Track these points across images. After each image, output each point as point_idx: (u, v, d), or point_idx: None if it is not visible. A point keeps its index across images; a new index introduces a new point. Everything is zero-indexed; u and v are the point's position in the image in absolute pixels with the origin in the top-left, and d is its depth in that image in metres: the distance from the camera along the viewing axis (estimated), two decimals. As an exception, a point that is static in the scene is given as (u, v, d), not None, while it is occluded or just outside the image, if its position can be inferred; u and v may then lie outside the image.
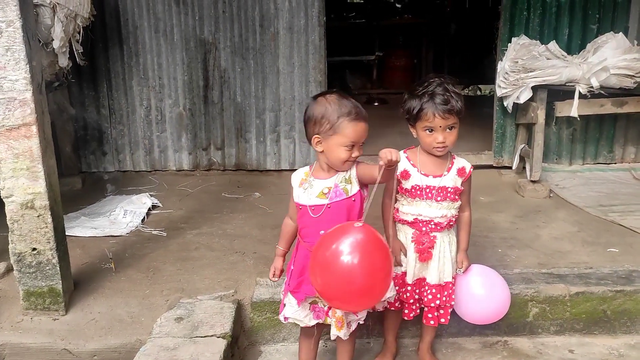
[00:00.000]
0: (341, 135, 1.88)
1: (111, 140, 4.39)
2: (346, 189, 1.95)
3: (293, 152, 4.43)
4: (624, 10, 4.09)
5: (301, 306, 2.03)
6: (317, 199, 1.96)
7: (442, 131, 2.04)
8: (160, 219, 3.53)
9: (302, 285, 2.01)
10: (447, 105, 1.99)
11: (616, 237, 3.13)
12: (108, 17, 4.17)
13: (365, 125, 1.90)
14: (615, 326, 2.56)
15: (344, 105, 1.89)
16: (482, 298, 2.26)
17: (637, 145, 4.34)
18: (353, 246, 1.70)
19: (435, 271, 2.16)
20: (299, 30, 4.23)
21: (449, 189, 2.12)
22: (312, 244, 1.96)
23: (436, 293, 2.18)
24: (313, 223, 1.97)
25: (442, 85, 2.02)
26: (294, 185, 2.04)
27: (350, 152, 1.89)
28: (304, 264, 2.01)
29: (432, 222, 2.12)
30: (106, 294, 2.60)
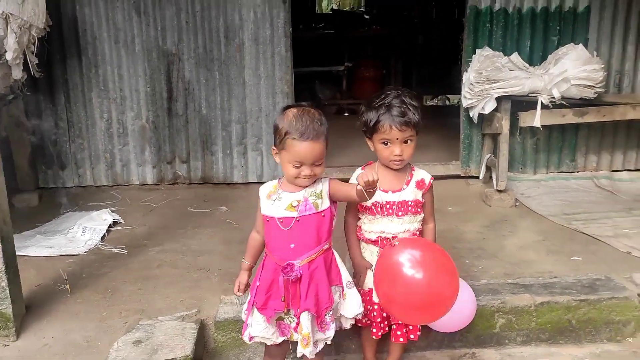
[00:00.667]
0: (287, 152, 1.87)
1: (70, 154, 4.26)
2: (316, 204, 1.92)
3: (261, 165, 4.37)
4: (583, 23, 4.18)
5: (270, 323, 1.98)
6: (286, 212, 1.92)
7: (399, 144, 2.01)
8: (122, 236, 3.42)
9: (270, 301, 1.96)
10: (404, 117, 1.97)
11: (579, 246, 3.17)
12: (65, 27, 4.06)
13: (312, 145, 1.83)
14: (580, 335, 2.57)
15: (296, 122, 1.85)
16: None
17: (598, 153, 4.42)
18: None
19: None
20: (265, 41, 4.19)
21: (409, 203, 2.09)
22: (281, 257, 1.92)
23: None
24: (282, 236, 1.93)
25: (399, 98, 2.00)
26: (262, 197, 2.00)
27: (299, 170, 1.87)
28: (272, 279, 1.96)
29: (396, 238, 2.09)
30: (60, 317, 2.49)
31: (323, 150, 1.88)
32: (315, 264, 1.92)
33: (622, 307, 2.54)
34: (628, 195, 4.04)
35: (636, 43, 4.27)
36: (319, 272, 1.92)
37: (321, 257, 1.93)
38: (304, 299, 1.90)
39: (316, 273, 1.92)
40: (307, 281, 1.90)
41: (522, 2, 4.13)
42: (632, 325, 2.56)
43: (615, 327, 2.56)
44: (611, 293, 2.57)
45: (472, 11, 4.14)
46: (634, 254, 3.00)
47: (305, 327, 1.91)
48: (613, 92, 4.29)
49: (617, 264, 2.89)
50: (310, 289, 1.90)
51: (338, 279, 2.00)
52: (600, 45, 4.23)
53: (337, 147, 4.92)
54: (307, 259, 1.91)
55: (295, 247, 1.91)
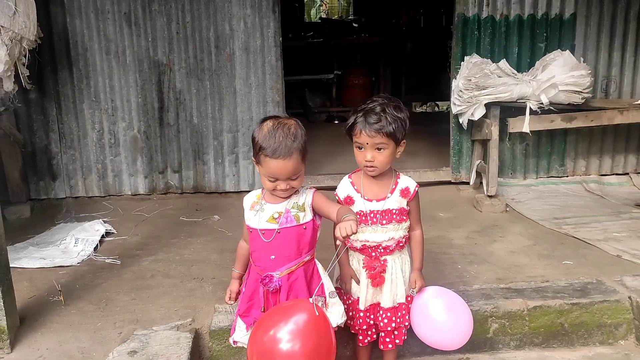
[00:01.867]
0: (261, 166, 1.88)
1: (62, 166, 4.25)
2: (297, 216, 1.93)
3: (252, 174, 4.38)
4: (570, 29, 4.25)
5: (250, 330, 1.98)
6: (267, 223, 1.93)
7: (371, 149, 2.01)
8: (115, 247, 3.41)
9: (252, 310, 1.99)
10: (377, 124, 1.97)
11: (570, 250, 3.20)
12: (56, 39, 4.06)
13: (284, 163, 1.82)
14: (573, 339, 2.59)
15: (269, 138, 1.83)
16: (447, 327, 2.19)
17: (587, 158, 4.48)
18: (293, 332, 1.68)
19: (389, 294, 2.14)
20: (255, 50, 4.21)
21: (393, 212, 2.09)
22: (262, 268, 1.94)
23: (391, 316, 2.15)
24: (264, 247, 1.94)
25: (381, 105, 2.00)
26: (246, 208, 2.02)
27: (275, 184, 1.87)
28: (254, 287, 1.98)
29: (381, 247, 2.10)
30: (55, 328, 2.47)
31: (298, 165, 1.86)
32: (295, 275, 1.93)
33: (613, 310, 2.57)
34: (617, 199, 4.09)
35: (622, 49, 4.35)
36: (298, 283, 1.93)
37: (301, 268, 1.94)
38: None
39: (296, 284, 1.93)
40: (286, 292, 1.91)
41: (509, 10, 4.19)
42: (623, 327, 2.58)
43: (608, 330, 2.58)
44: (603, 296, 2.60)
45: (460, 19, 4.19)
46: (624, 257, 3.03)
47: None
48: (600, 97, 4.37)
49: (608, 267, 2.93)
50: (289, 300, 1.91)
51: (320, 289, 2.00)
52: (586, 52, 4.30)
53: (327, 154, 4.95)
54: (287, 271, 1.92)
55: (275, 259, 1.92)
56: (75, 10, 4.05)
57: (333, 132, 6.62)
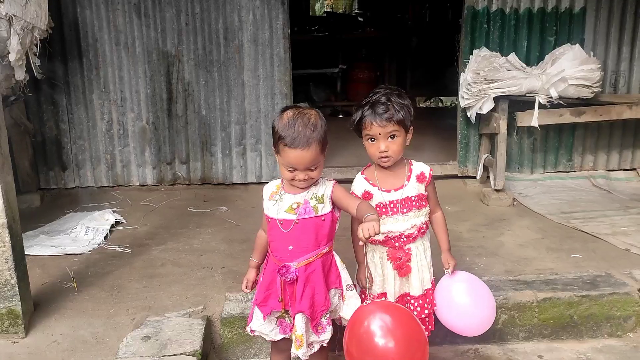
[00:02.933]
0: (281, 157, 1.88)
1: (71, 156, 4.26)
2: (316, 207, 1.93)
3: (260, 165, 4.39)
4: (579, 23, 4.24)
5: (267, 320, 2.00)
6: (286, 214, 1.94)
7: (384, 139, 2.02)
8: (124, 236, 3.43)
9: (269, 300, 1.98)
10: (386, 113, 1.99)
11: (579, 243, 3.21)
12: (67, 29, 4.07)
13: (303, 153, 1.82)
14: (582, 331, 2.60)
15: (289, 128, 1.83)
16: (474, 312, 2.19)
17: (595, 153, 4.48)
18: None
19: (417, 282, 2.14)
20: (264, 42, 4.22)
21: (412, 199, 2.10)
22: (280, 258, 1.94)
23: (422, 303, 2.15)
24: (282, 237, 1.94)
25: (386, 95, 2.02)
26: (265, 197, 2.02)
27: (294, 174, 1.87)
28: (271, 277, 1.98)
29: (403, 236, 2.10)
30: (68, 314, 2.50)
31: (317, 156, 1.86)
32: (312, 267, 1.93)
33: (622, 303, 2.58)
34: (624, 194, 4.09)
35: (631, 44, 4.34)
36: (315, 275, 1.93)
37: (319, 260, 1.94)
38: (298, 301, 1.91)
39: (313, 276, 1.93)
40: (303, 283, 1.91)
41: (518, 3, 4.18)
42: (632, 320, 2.60)
43: (616, 322, 2.60)
44: (612, 289, 2.61)
45: (469, 12, 4.19)
46: (632, 251, 3.04)
47: (298, 329, 1.92)
48: (609, 92, 4.35)
49: (617, 260, 2.94)
50: (305, 292, 1.91)
51: (338, 281, 2.01)
52: (596, 46, 4.29)
53: (333, 147, 4.87)
54: (304, 262, 1.92)
55: (293, 250, 1.92)
56: (86, 1, 4.06)
57: (338, 126, 6.59)
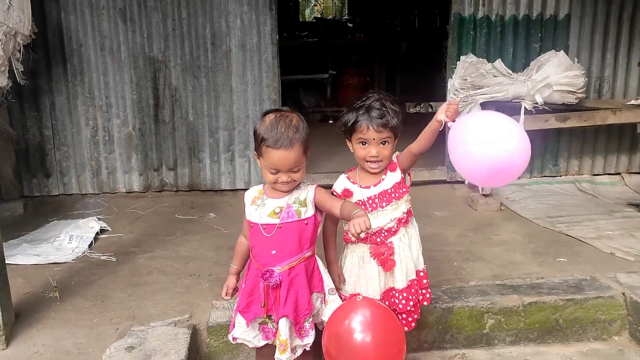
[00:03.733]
0: (264, 159, 1.89)
1: (55, 162, 4.22)
2: (299, 211, 1.93)
3: (248, 171, 4.37)
4: (564, 30, 4.28)
5: (250, 326, 1.99)
6: (269, 218, 1.93)
7: (376, 145, 2.04)
8: (110, 244, 3.40)
9: (252, 306, 1.97)
10: (382, 119, 2.00)
11: (564, 247, 3.22)
12: (50, 34, 4.03)
13: (286, 153, 1.83)
14: (567, 334, 2.61)
15: (271, 129, 1.84)
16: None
17: (580, 158, 4.52)
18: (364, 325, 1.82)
19: (401, 275, 2.12)
20: (252, 48, 4.21)
21: (389, 191, 2.09)
22: (263, 263, 1.93)
23: (407, 296, 2.14)
24: (264, 242, 1.94)
25: (379, 101, 2.03)
26: (247, 203, 2.01)
27: (276, 176, 1.88)
28: (254, 283, 1.97)
29: (384, 230, 2.10)
30: (51, 324, 2.46)
31: (299, 157, 1.88)
32: (295, 270, 1.93)
33: (607, 306, 2.60)
34: (609, 199, 4.12)
35: (615, 50, 4.39)
36: (299, 279, 1.93)
37: (302, 264, 1.94)
38: (282, 306, 1.91)
39: (296, 280, 1.93)
40: (287, 288, 1.91)
41: (504, 10, 4.22)
42: (617, 323, 2.61)
43: (602, 325, 2.61)
44: (597, 292, 2.62)
45: (456, 19, 4.22)
46: (617, 255, 3.06)
47: (282, 333, 1.92)
48: (594, 97, 4.40)
49: (602, 264, 2.95)
50: (289, 296, 1.91)
51: (320, 285, 2.01)
52: (580, 52, 4.33)
53: (322, 153, 4.95)
54: (288, 266, 1.92)
55: (276, 254, 1.92)
56: (70, 6, 4.03)
57: (328, 131, 6.60)
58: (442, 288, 2.67)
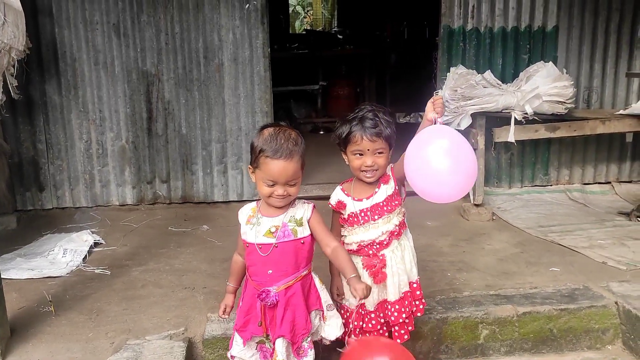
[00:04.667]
0: (261, 170, 1.87)
1: (49, 176, 4.21)
2: (295, 230, 1.92)
3: (241, 184, 4.39)
4: (552, 41, 4.35)
5: (247, 346, 1.98)
6: (264, 238, 1.92)
7: (371, 155, 2.06)
8: (104, 257, 3.39)
9: (249, 325, 1.96)
10: (376, 128, 2.03)
11: (557, 257, 3.25)
12: (44, 49, 4.05)
13: (285, 164, 1.83)
14: (561, 344, 2.63)
15: (271, 140, 1.85)
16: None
17: (570, 167, 4.57)
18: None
19: (393, 287, 2.14)
20: (244, 61, 4.24)
21: (381, 204, 2.11)
22: (259, 283, 1.93)
23: (400, 308, 2.15)
24: (261, 262, 1.92)
25: (372, 112, 2.06)
26: (242, 222, 2.00)
27: (272, 190, 1.87)
28: (251, 302, 1.96)
29: (375, 243, 2.12)
30: (46, 339, 2.45)
31: (297, 170, 1.88)
32: (292, 290, 1.92)
33: (600, 316, 2.62)
34: (600, 208, 4.17)
35: (603, 61, 4.47)
36: (296, 298, 1.92)
37: (299, 283, 1.93)
38: (279, 326, 1.90)
39: (293, 299, 1.92)
40: (283, 307, 1.90)
41: (493, 22, 4.28)
42: (610, 332, 2.64)
43: (595, 335, 2.63)
44: (590, 302, 2.65)
45: (445, 31, 4.27)
46: (609, 264, 3.09)
47: (279, 354, 1.90)
48: (582, 107, 4.47)
49: (594, 273, 2.98)
50: (286, 316, 1.90)
51: (318, 302, 2.00)
52: (569, 63, 4.40)
53: (314, 164, 4.97)
54: (284, 285, 1.91)
55: (272, 274, 1.91)
56: (64, 21, 4.05)
57: (319, 142, 6.64)
58: (436, 299, 2.69)
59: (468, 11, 4.25)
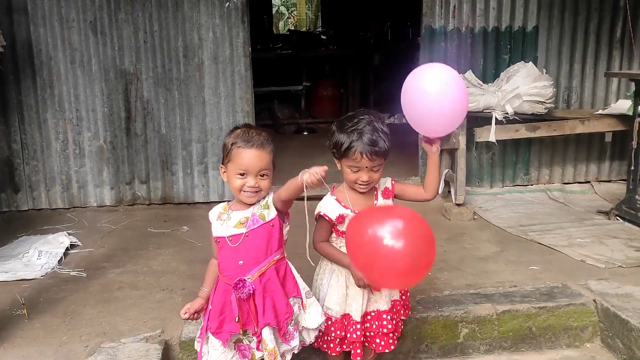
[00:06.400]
0: (232, 162, 1.89)
1: (24, 177, 4.13)
2: (263, 215, 1.91)
3: (222, 184, 4.35)
4: (532, 41, 4.38)
5: (227, 347, 1.94)
6: (235, 229, 1.91)
7: (368, 171, 2.00)
8: (80, 259, 3.33)
9: (224, 324, 1.91)
10: (375, 146, 1.96)
11: (536, 255, 3.26)
12: (19, 47, 3.97)
13: (258, 153, 1.86)
14: (541, 342, 2.64)
15: (242, 134, 1.89)
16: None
17: (550, 167, 4.60)
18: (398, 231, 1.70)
19: (385, 296, 2.10)
20: (224, 60, 4.20)
21: None
22: (230, 277, 1.89)
23: (387, 316, 2.11)
24: (231, 254, 1.90)
25: (371, 124, 1.98)
26: (212, 220, 1.98)
27: (244, 181, 1.87)
28: (224, 300, 1.91)
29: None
30: (18, 343, 2.39)
31: (268, 162, 1.89)
32: (267, 276, 1.90)
33: (579, 314, 2.63)
34: (579, 207, 4.20)
35: (582, 61, 4.51)
36: (272, 283, 1.90)
37: (272, 267, 1.91)
38: (261, 315, 1.86)
39: (269, 285, 1.89)
40: (262, 295, 1.87)
41: (474, 22, 4.30)
42: (589, 330, 2.65)
43: (574, 332, 2.64)
44: (568, 300, 2.66)
45: (427, 31, 4.28)
46: (588, 262, 3.11)
47: (269, 342, 1.87)
48: (562, 107, 4.51)
49: (573, 272, 3.00)
50: (266, 303, 1.87)
51: (295, 290, 1.97)
52: (549, 63, 4.43)
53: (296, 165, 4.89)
54: (258, 272, 1.88)
55: (243, 264, 1.88)
56: (40, 19, 3.98)
57: (302, 143, 6.62)
58: (417, 298, 2.68)
59: (449, 11, 4.26)
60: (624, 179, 4.36)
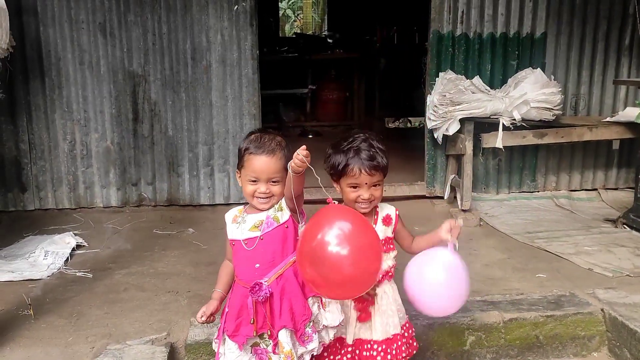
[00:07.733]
0: (245, 168, 1.90)
1: (31, 177, 4.14)
2: (276, 217, 1.91)
3: (227, 186, 4.34)
4: (540, 47, 4.37)
5: (243, 350, 1.93)
6: (250, 232, 1.91)
7: (368, 188, 1.97)
8: (86, 260, 3.33)
9: (241, 328, 1.90)
10: (373, 161, 1.93)
11: (543, 263, 3.25)
12: (29, 48, 3.98)
13: (268, 159, 1.85)
14: (547, 351, 2.62)
15: (255, 140, 1.90)
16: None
17: (557, 174, 4.58)
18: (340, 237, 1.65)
19: (380, 326, 2.04)
20: (232, 63, 4.21)
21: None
22: (247, 280, 1.88)
23: (386, 348, 2.04)
24: (247, 257, 1.90)
25: (367, 141, 1.96)
26: (228, 222, 1.99)
27: (255, 187, 1.88)
28: (240, 304, 1.91)
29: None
30: (24, 343, 2.39)
31: (280, 168, 1.87)
32: (284, 278, 1.88)
33: (586, 323, 2.62)
34: (586, 214, 4.18)
35: (590, 68, 4.49)
36: (290, 284, 1.88)
37: (290, 269, 1.90)
38: (278, 317, 1.85)
39: (287, 286, 1.88)
40: (279, 297, 1.86)
41: (482, 28, 4.29)
42: (596, 340, 2.63)
43: (581, 342, 2.62)
44: (576, 309, 2.64)
45: (434, 36, 4.27)
46: (595, 271, 3.09)
47: (285, 345, 1.85)
48: (570, 114, 4.49)
49: (580, 280, 2.98)
50: (283, 305, 1.86)
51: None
52: (557, 70, 4.42)
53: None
54: (275, 275, 1.88)
55: (260, 267, 1.88)
56: (49, 20, 3.99)
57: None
58: (423, 304, 2.67)
59: (457, 17, 4.25)
60: (631, 187, 4.35)
